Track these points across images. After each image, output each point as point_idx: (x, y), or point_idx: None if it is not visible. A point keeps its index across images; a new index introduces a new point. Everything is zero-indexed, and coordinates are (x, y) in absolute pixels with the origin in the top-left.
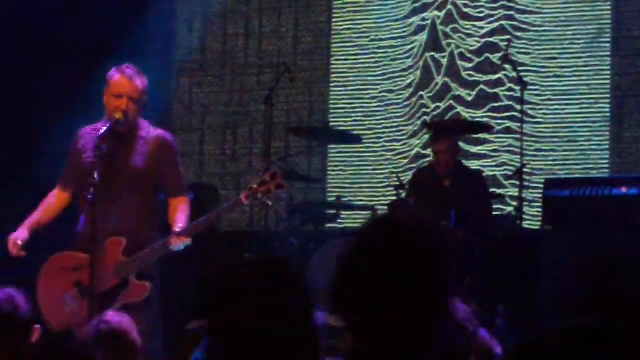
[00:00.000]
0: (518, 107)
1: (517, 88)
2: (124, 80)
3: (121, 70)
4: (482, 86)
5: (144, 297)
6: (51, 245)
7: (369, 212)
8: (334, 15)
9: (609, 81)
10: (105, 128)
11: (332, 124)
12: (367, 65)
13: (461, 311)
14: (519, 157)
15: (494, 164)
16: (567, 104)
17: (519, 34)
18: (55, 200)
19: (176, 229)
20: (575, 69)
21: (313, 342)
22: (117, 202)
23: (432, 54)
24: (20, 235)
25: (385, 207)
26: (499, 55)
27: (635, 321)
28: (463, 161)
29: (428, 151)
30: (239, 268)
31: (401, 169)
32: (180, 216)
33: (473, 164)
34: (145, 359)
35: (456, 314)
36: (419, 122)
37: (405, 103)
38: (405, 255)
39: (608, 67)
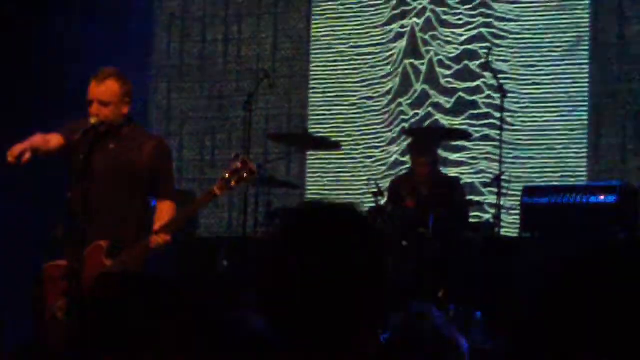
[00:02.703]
0: (497, 114)
1: (496, 95)
2: (93, 85)
3: (95, 74)
4: (460, 93)
5: None
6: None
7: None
8: (313, 22)
9: (587, 89)
10: (81, 133)
11: (311, 130)
12: (346, 71)
13: (437, 318)
14: (497, 164)
15: (472, 171)
16: (545, 112)
17: (497, 41)
18: (51, 136)
19: (155, 228)
20: (553, 76)
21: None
22: (105, 203)
23: (411, 61)
24: (26, 153)
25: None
26: (478, 62)
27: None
28: (441, 168)
29: (406, 158)
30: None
31: (380, 176)
32: (161, 217)
33: (451, 171)
34: None
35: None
36: (397, 129)
37: (384, 110)
38: (334, 248)
39: (586, 75)
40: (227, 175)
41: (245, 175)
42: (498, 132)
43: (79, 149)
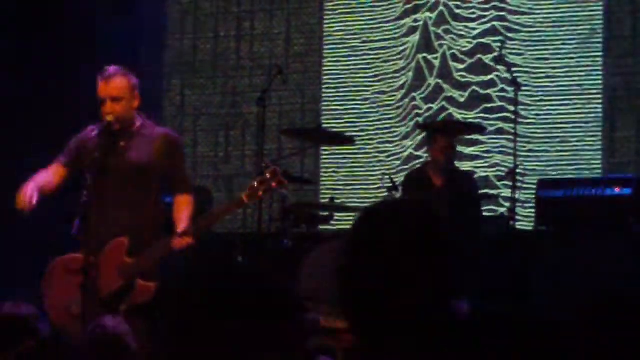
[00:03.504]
0: (510, 108)
1: (510, 89)
2: (102, 83)
3: (101, 74)
4: (474, 87)
5: (149, 298)
6: (53, 247)
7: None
8: (326, 17)
9: (601, 81)
10: (96, 132)
11: (324, 125)
12: (359, 66)
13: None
14: (511, 157)
15: (486, 165)
16: (559, 105)
17: (511, 34)
18: (53, 172)
19: (179, 229)
20: (567, 69)
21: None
22: (121, 201)
23: (424, 55)
24: (35, 196)
25: None
26: (491, 56)
27: None
28: (455, 162)
29: (421, 152)
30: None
31: (394, 171)
32: (183, 215)
33: (466, 165)
34: None
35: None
36: (411, 124)
37: (398, 104)
38: (413, 253)
39: (600, 68)
40: (255, 184)
41: (273, 185)
42: (512, 125)
43: (94, 148)
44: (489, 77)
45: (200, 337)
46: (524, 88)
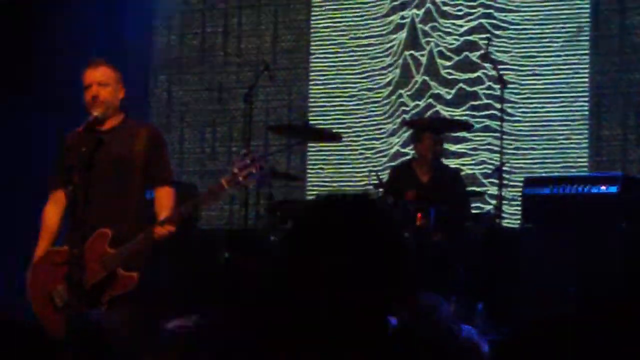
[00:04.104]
0: (497, 105)
1: (496, 86)
2: (89, 70)
3: (88, 63)
4: (461, 84)
5: (131, 288)
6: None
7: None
8: (313, 13)
9: (587, 79)
10: (82, 125)
11: (311, 122)
12: (346, 63)
13: (445, 312)
14: (498, 155)
15: (473, 162)
16: (546, 102)
17: (498, 32)
18: (52, 206)
19: (160, 218)
20: (554, 67)
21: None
22: (104, 195)
23: (411, 52)
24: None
25: None
26: (478, 53)
27: None
28: (442, 159)
29: (407, 149)
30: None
31: (381, 167)
32: (164, 205)
33: (452, 162)
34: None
35: (442, 315)
36: (398, 121)
37: (385, 101)
38: (349, 251)
39: (587, 65)
40: (235, 169)
41: (253, 170)
42: (499, 123)
43: (79, 143)
44: (476, 74)
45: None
46: (510, 85)
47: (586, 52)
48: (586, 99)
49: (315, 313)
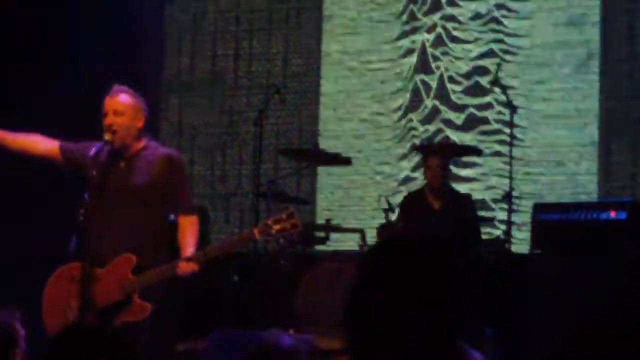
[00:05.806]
0: (507, 130)
1: (506, 111)
2: (107, 98)
3: (109, 91)
4: (471, 109)
5: (142, 318)
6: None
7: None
8: (324, 37)
9: (597, 105)
10: (94, 150)
11: (321, 145)
12: (356, 87)
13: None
14: (507, 180)
15: (483, 187)
16: (555, 128)
17: (508, 57)
18: (45, 140)
19: (186, 254)
20: (563, 92)
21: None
22: (120, 220)
23: (422, 76)
24: None
25: (375, 230)
26: (488, 78)
27: None
28: (452, 184)
29: (417, 174)
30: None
31: (390, 192)
32: (188, 239)
33: (462, 187)
34: None
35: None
36: (408, 145)
37: (395, 125)
38: (424, 290)
39: (596, 91)
40: (269, 222)
41: (287, 227)
42: (508, 148)
43: (92, 166)
44: (486, 99)
45: None
46: (520, 111)
47: (596, 77)
48: (596, 124)
49: None
